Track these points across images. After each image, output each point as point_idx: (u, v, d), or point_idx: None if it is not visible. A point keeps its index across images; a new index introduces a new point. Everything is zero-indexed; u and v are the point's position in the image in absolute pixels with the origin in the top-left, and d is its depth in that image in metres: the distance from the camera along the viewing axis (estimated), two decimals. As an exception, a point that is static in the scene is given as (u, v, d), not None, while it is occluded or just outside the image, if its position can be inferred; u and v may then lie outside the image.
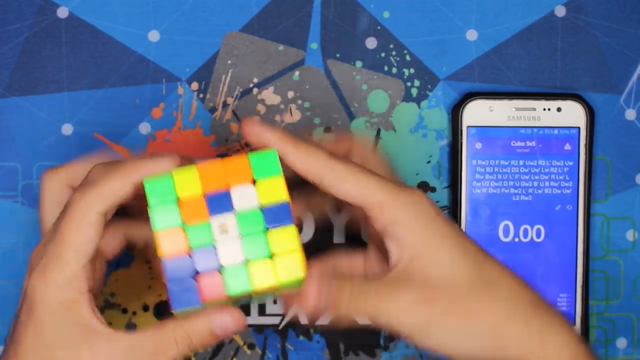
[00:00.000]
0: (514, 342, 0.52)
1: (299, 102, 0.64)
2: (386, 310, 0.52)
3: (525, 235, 0.64)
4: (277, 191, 0.51)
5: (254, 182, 0.51)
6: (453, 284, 0.52)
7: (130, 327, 0.64)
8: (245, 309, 0.64)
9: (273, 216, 0.51)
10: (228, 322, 0.52)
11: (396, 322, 0.52)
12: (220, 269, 0.50)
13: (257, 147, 0.52)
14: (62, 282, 0.51)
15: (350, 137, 0.58)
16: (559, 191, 0.64)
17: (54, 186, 0.55)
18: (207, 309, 0.52)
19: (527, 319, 0.52)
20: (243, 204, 0.51)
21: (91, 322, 0.52)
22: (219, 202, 0.51)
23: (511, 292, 0.52)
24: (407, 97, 0.65)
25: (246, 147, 0.64)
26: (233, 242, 0.51)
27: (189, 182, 0.51)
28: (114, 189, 0.51)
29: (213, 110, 0.64)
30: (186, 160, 0.53)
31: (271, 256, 0.50)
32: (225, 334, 0.52)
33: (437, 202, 0.65)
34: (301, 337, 0.65)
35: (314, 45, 0.64)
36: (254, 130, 0.52)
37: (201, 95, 0.64)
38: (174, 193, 0.51)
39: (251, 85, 0.64)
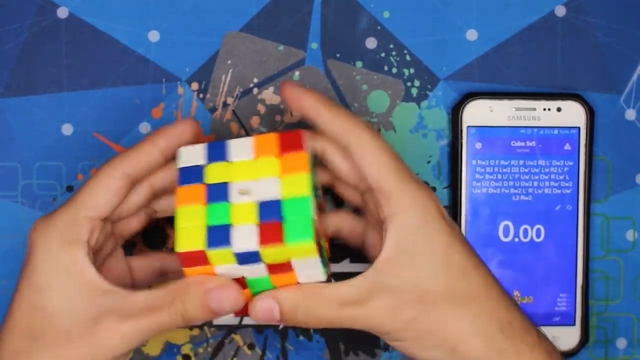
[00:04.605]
0: None
1: (299, 102, 0.64)
2: (359, 317, 0.52)
3: (525, 235, 0.64)
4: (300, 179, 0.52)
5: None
6: (426, 294, 0.51)
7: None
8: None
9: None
10: (227, 297, 0.51)
11: (365, 325, 0.52)
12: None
13: (296, 110, 0.55)
14: (63, 224, 0.52)
15: (348, 128, 0.54)
16: (559, 191, 0.64)
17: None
18: (205, 279, 0.52)
19: (492, 342, 0.52)
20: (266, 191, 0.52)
21: (84, 267, 0.52)
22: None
23: (483, 312, 0.52)
24: (407, 97, 0.65)
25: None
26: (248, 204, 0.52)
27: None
28: (140, 152, 0.53)
29: (213, 110, 0.64)
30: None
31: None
32: (220, 309, 0.52)
33: (437, 202, 0.65)
34: (301, 337, 0.65)
35: (314, 45, 0.64)
36: (294, 93, 0.54)
37: (201, 95, 0.64)
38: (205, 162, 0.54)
39: (251, 85, 0.64)
